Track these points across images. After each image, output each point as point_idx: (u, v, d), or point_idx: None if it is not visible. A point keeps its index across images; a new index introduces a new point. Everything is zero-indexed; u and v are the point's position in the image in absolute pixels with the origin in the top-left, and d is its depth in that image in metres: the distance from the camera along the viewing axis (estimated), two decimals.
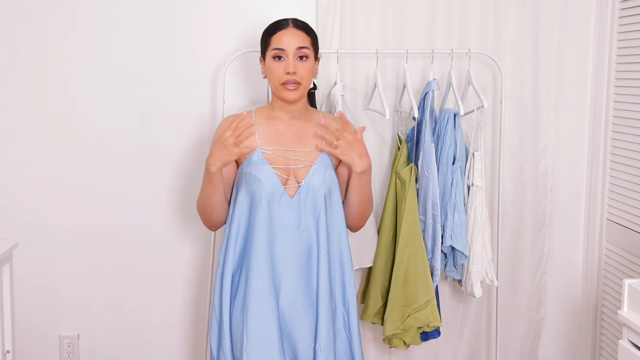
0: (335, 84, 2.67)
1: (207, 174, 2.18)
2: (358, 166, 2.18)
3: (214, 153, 2.14)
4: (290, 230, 2.17)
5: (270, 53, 2.19)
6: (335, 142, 2.16)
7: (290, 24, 2.20)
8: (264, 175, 2.16)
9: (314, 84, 2.66)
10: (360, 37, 2.82)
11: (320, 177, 2.19)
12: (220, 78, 2.79)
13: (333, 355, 2.18)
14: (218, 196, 2.22)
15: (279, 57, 2.18)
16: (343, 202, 2.31)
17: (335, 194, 2.24)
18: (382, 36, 2.83)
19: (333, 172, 2.24)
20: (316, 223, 2.18)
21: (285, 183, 2.18)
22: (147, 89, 2.85)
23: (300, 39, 2.18)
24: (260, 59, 2.27)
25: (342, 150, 2.16)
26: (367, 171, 2.21)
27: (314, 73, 2.24)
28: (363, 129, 2.20)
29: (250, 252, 2.17)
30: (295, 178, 2.20)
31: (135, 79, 2.84)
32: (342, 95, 2.66)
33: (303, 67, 2.18)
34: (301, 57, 2.18)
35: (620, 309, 2.23)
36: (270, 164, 2.18)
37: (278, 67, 2.17)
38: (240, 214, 2.20)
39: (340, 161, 2.28)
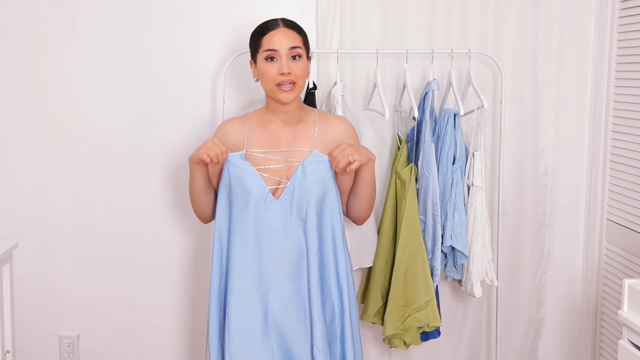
0: (335, 84, 2.66)
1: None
2: (371, 153, 2.22)
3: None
4: (276, 231, 2.15)
5: (262, 55, 2.16)
6: (351, 159, 2.12)
7: (281, 24, 2.18)
8: (247, 178, 2.16)
9: (314, 83, 2.67)
10: (360, 37, 2.82)
11: (306, 177, 2.17)
12: (220, 78, 2.79)
13: (329, 357, 2.18)
14: (198, 189, 2.24)
15: (272, 58, 2.15)
16: (351, 199, 2.31)
17: (330, 194, 2.21)
18: (382, 36, 2.83)
19: (327, 173, 2.21)
20: (303, 225, 2.17)
21: (276, 184, 2.17)
22: (147, 89, 2.85)
23: (292, 38, 2.16)
24: (251, 62, 2.24)
25: (357, 157, 2.15)
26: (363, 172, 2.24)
27: (307, 72, 2.23)
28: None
29: (232, 254, 2.16)
30: (287, 179, 2.19)
31: (135, 79, 2.84)
32: (342, 95, 2.66)
33: (297, 67, 2.16)
34: (294, 57, 2.16)
35: (620, 309, 2.23)
36: (257, 165, 2.17)
37: (271, 69, 2.15)
38: (222, 217, 2.21)
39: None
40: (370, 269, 2.81)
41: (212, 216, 2.33)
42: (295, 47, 2.15)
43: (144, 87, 2.84)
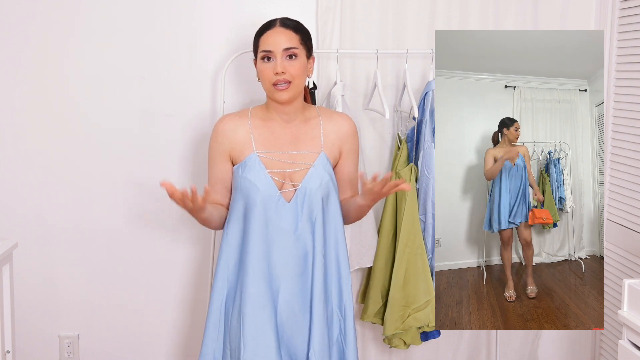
0: (335, 84, 2.67)
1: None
2: (377, 199, 2.17)
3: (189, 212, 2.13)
4: (287, 234, 2.15)
5: (259, 55, 2.19)
6: (370, 185, 2.08)
7: (277, 24, 2.19)
8: (259, 180, 2.15)
9: (314, 83, 2.67)
10: (360, 37, 2.82)
11: (317, 180, 2.17)
12: (220, 78, 2.79)
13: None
14: (212, 218, 2.22)
15: (268, 58, 2.16)
16: (342, 202, 2.31)
17: (333, 196, 2.22)
18: (382, 36, 2.83)
19: (331, 174, 2.22)
20: (312, 227, 2.17)
21: (281, 187, 2.17)
22: (148, 89, 2.85)
23: (287, 38, 2.16)
24: (254, 61, 2.26)
25: (370, 191, 2.11)
26: (369, 205, 2.21)
27: (307, 72, 2.22)
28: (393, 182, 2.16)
29: (246, 258, 2.16)
30: (292, 181, 2.18)
31: (135, 79, 2.84)
32: (342, 95, 2.66)
33: (292, 66, 2.16)
34: (290, 57, 2.16)
35: (620, 309, 2.23)
36: (266, 168, 2.17)
37: (267, 69, 2.16)
38: (236, 219, 2.20)
39: (339, 159, 2.27)
40: (370, 269, 2.81)
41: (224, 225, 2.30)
42: (289, 48, 2.16)
43: (144, 87, 2.84)
